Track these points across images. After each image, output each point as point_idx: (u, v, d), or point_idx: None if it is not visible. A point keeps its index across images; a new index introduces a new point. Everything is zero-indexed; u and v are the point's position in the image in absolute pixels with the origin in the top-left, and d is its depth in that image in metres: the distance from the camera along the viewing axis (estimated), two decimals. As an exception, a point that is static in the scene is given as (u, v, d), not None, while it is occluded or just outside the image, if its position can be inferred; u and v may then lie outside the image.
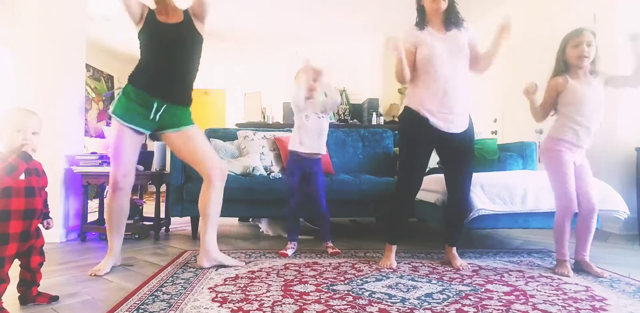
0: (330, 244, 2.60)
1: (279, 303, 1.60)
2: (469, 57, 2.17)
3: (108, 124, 3.41)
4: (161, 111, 2.09)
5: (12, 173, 1.46)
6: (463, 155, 2.19)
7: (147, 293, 1.71)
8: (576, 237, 2.16)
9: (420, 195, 2.56)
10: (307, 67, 2.57)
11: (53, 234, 2.74)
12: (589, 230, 2.12)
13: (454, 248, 2.27)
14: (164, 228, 3.22)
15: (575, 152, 2.11)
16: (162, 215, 3.11)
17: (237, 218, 3.84)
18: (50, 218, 1.68)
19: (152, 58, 2.13)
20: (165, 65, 2.11)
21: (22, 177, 1.54)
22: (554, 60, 2.18)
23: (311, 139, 2.56)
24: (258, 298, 1.65)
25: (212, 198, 2.18)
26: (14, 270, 1.54)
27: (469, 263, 2.24)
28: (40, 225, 1.64)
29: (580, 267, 2.13)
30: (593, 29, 2.13)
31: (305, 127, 2.56)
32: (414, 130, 2.19)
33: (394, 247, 2.27)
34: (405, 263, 2.25)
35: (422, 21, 2.19)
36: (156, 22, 2.13)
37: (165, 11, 2.15)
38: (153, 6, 2.19)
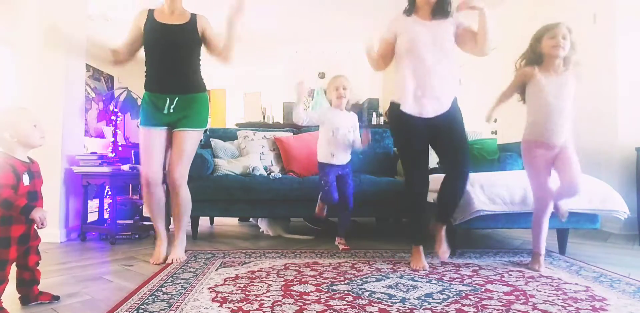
0: (342, 241, 2.66)
1: (279, 303, 1.60)
2: (452, 45, 2.17)
3: (108, 124, 3.42)
4: (174, 104, 2.23)
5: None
6: (452, 132, 2.16)
7: (147, 293, 1.71)
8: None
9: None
10: (332, 78, 2.68)
11: (53, 234, 2.74)
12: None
13: (443, 228, 2.19)
14: (164, 228, 3.22)
15: (550, 149, 2.10)
16: (162, 215, 3.10)
17: (237, 219, 3.85)
18: None
19: (153, 58, 2.25)
20: (166, 64, 2.23)
21: (27, 181, 1.54)
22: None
23: (342, 152, 2.63)
24: (258, 298, 1.65)
25: (180, 205, 2.32)
26: (11, 273, 1.54)
27: (469, 263, 2.24)
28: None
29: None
30: (570, 25, 2.13)
31: (335, 141, 2.61)
32: (403, 124, 2.20)
33: (422, 248, 2.23)
34: (405, 264, 2.24)
35: (411, 8, 2.20)
36: (155, 23, 2.23)
37: (171, 11, 2.25)
38: (154, 6, 2.27)
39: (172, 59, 2.22)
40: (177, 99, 2.23)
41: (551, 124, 2.07)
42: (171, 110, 2.22)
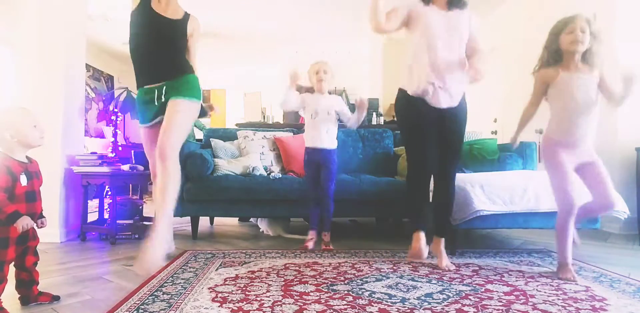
0: (327, 238, 2.60)
1: (279, 303, 1.60)
2: (466, 38, 2.15)
3: (108, 124, 3.42)
4: (163, 91, 2.18)
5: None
6: (452, 136, 2.17)
7: (147, 293, 1.72)
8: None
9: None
10: (313, 64, 2.71)
11: (53, 234, 2.73)
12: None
13: (442, 242, 2.19)
14: (164, 228, 3.21)
15: (573, 150, 2.02)
16: (162, 215, 3.10)
17: (237, 219, 3.84)
18: (44, 217, 1.64)
19: (137, 46, 2.21)
20: (152, 54, 2.20)
21: (25, 182, 1.54)
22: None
23: (319, 134, 2.65)
24: (258, 298, 1.65)
25: (166, 182, 1.95)
26: (10, 272, 1.54)
27: (469, 263, 2.24)
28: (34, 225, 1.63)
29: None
30: (587, 16, 2.05)
31: (314, 124, 2.65)
32: (411, 112, 2.19)
33: (422, 235, 2.16)
34: (405, 264, 2.25)
35: None
36: (149, 10, 2.17)
37: (166, 2, 2.21)
38: None
39: (159, 50, 2.19)
40: (164, 86, 2.17)
41: (577, 121, 1.98)
42: (162, 100, 2.17)
